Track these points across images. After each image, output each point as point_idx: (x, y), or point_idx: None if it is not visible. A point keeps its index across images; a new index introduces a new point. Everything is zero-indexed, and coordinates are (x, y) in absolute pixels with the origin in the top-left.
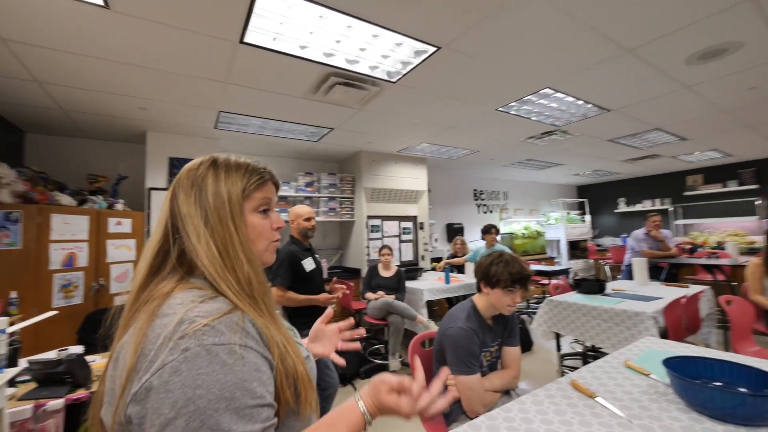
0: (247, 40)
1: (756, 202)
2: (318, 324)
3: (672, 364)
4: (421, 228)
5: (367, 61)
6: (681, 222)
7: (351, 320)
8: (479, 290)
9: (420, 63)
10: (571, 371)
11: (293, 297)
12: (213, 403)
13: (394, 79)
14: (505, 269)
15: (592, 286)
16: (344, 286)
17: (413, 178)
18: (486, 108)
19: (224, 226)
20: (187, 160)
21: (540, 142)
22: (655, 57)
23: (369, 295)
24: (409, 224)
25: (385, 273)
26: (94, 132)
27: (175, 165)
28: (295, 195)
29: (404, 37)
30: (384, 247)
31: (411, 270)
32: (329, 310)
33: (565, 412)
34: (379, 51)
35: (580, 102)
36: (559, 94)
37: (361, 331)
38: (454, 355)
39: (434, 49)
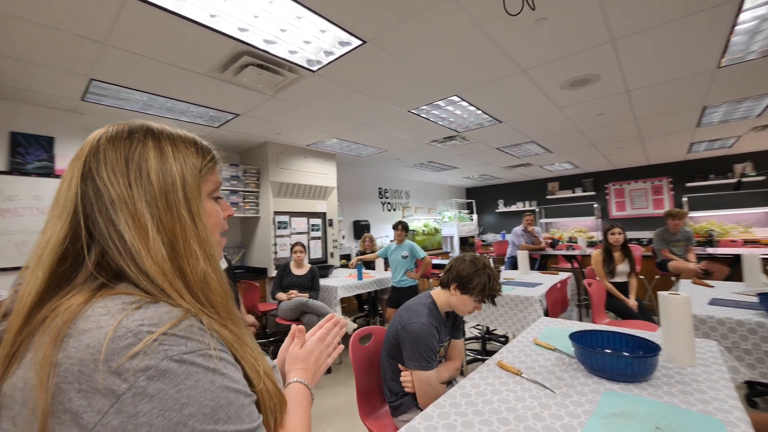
0: None
1: (594, 205)
2: (285, 348)
3: (576, 337)
4: (330, 225)
5: (286, 44)
6: (544, 221)
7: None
8: (445, 288)
9: (343, 54)
10: (472, 353)
11: None
12: (210, 416)
13: (314, 68)
14: (488, 284)
15: None
16: (252, 329)
17: (322, 174)
18: (400, 108)
19: (174, 214)
20: (42, 138)
21: (442, 145)
22: (541, 79)
23: (280, 295)
24: (317, 221)
25: (297, 271)
26: None
27: (21, 143)
28: None
29: (330, 24)
30: (296, 244)
31: (321, 267)
32: (294, 327)
33: (500, 391)
34: (302, 35)
35: (479, 112)
36: (464, 103)
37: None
38: (415, 351)
39: (360, 42)
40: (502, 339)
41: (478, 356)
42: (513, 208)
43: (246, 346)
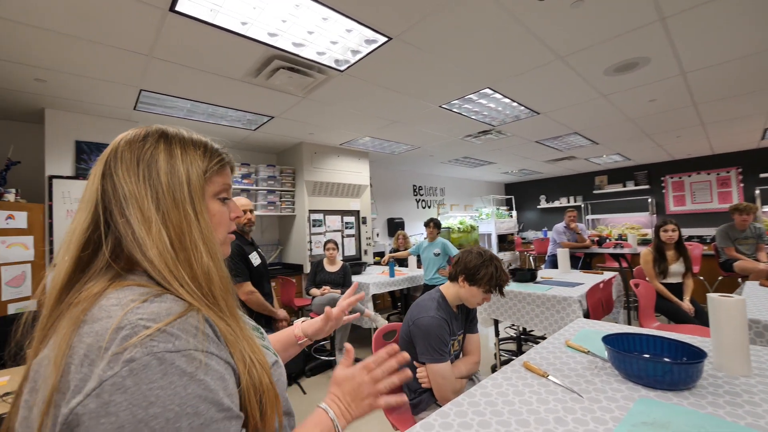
0: (179, 8)
1: (648, 200)
2: (317, 326)
3: (609, 340)
4: (364, 222)
5: (314, 46)
6: (590, 217)
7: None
8: (453, 281)
9: (370, 53)
10: (507, 353)
11: (260, 301)
12: (172, 422)
13: (341, 68)
14: (495, 275)
15: (526, 275)
16: (284, 323)
17: (356, 172)
18: (430, 104)
19: (181, 210)
20: (102, 146)
21: (476, 140)
22: (581, 66)
23: (314, 291)
24: (351, 219)
25: (330, 268)
26: None
27: (84, 150)
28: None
29: (355, 23)
30: (329, 241)
31: (355, 264)
32: (328, 309)
33: (523, 393)
34: (328, 36)
35: (515, 104)
36: (497, 95)
37: (361, 295)
38: (426, 344)
39: (385, 39)
40: (540, 340)
41: (513, 357)
42: (556, 204)
43: (239, 340)
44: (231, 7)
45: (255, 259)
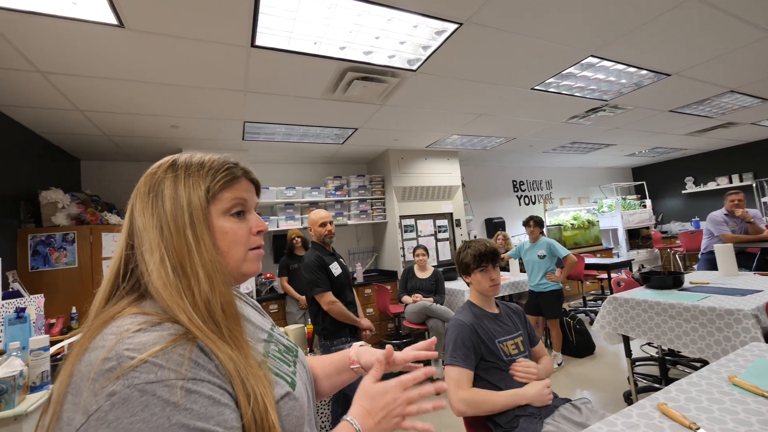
0: (258, 42)
1: None
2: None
3: None
4: (458, 225)
5: (383, 51)
6: None
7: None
8: (468, 284)
9: (441, 44)
10: (645, 379)
11: (342, 310)
12: None
13: (414, 67)
14: (468, 252)
15: (666, 279)
16: (368, 332)
17: (445, 173)
18: (520, 88)
19: (181, 236)
20: None
21: (585, 121)
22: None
23: (406, 298)
24: (444, 222)
25: (421, 274)
26: (137, 154)
27: None
28: (325, 200)
29: (420, 16)
30: (418, 247)
31: (449, 270)
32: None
33: None
34: (396, 37)
35: (632, 69)
36: (605, 63)
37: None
38: (448, 347)
39: (455, 26)
40: (696, 363)
41: (655, 384)
42: (710, 186)
43: (242, 370)
44: (301, 30)
45: (336, 269)
